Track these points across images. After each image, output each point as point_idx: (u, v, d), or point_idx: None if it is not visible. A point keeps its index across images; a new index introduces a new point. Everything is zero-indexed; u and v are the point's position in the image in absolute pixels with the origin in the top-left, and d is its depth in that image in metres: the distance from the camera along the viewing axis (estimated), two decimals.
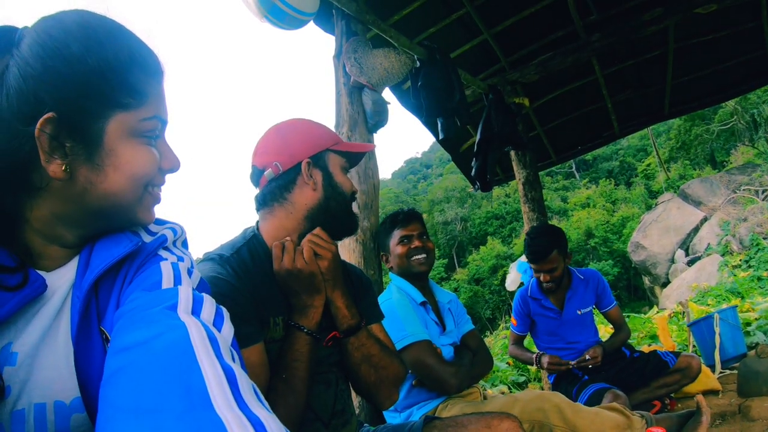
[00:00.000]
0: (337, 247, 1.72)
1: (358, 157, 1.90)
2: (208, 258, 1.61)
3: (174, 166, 1.05)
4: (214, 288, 1.41)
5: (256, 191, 1.81)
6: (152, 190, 1.02)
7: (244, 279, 1.56)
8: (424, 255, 2.85)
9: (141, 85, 0.94)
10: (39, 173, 0.88)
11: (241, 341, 1.37)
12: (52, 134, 0.85)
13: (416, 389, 2.68)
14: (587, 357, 3.55)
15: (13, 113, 0.85)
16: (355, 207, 1.85)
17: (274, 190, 1.73)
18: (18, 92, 0.85)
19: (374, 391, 1.80)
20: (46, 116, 0.84)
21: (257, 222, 1.81)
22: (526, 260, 3.86)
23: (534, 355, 3.89)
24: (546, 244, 3.71)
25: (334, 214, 1.75)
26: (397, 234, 2.88)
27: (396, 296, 2.71)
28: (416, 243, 2.85)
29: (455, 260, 53.21)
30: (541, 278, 3.81)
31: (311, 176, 1.72)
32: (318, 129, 1.79)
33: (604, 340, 4.01)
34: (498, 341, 11.30)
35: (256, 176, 1.76)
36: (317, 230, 1.68)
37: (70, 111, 0.86)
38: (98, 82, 0.88)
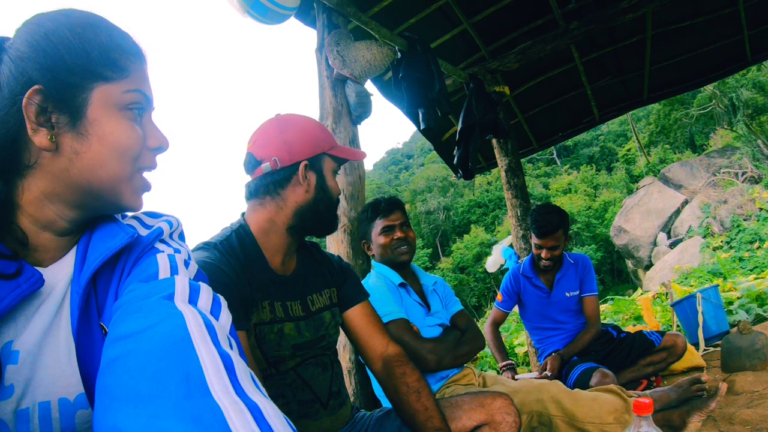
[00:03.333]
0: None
1: (346, 160, 1.94)
2: (198, 247, 1.65)
3: (161, 144, 1.05)
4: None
5: (247, 178, 1.83)
6: (143, 173, 1.02)
7: (233, 263, 1.60)
8: (405, 246, 2.85)
9: (122, 62, 0.97)
10: (28, 150, 0.91)
11: None
12: (40, 104, 0.88)
13: None
14: (547, 373, 3.60)
15: (5, 96, 0.89)
16: (343, 201, 1.88)
17: (268, 184, 1.76)
18: (9, 76, 0.89)
19: None
20: (34, 88, 0.87)
21: (243, 213, 1.86)
22: (534, 234, 3.86)
23: (503, 363, 3.91)
24: (556, 221, 3.74)
25: (321, 215, 1.81)
26: (379, 224, 2.86)
27: (373, 280, 2.75)
28: (398, 234, 2.84)
29: (439, 249, 53.16)
30: (543, 255, 3.81)
31: (306, 177, 1.76)
32: (318, 130, 1.82)
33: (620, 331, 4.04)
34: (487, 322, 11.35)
35: (252, 165, 1.77)
36: None
37: (56, 83, 0.89)
38: (81, 58, 0.91)
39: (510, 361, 3.91)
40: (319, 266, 1.98)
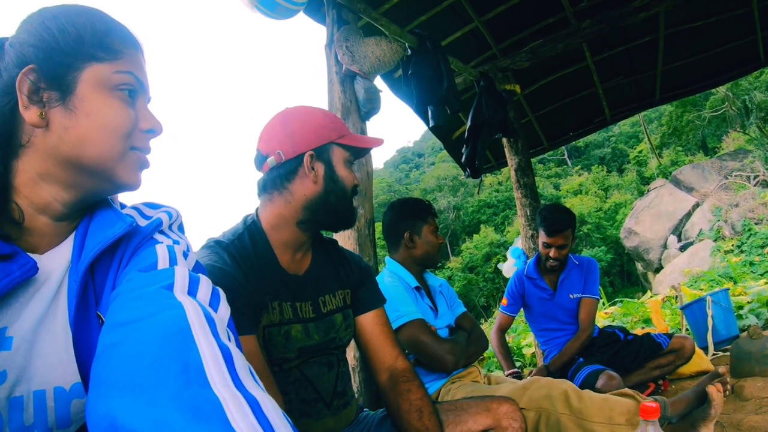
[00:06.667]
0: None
1: (364, 150, 1.87)
2: (206, 246, 1.61)
3: (153, 127, 1.04)
4: (209, 276, 1.42)
5: (259, 175, 1.78)
6: (137, 152, 1.02)
7: (243, 265, 1.56)
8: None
9: (114, 45, 0.98)
10: (22, 130, 0.92)
11: None
12: (33, 82, 0.90)
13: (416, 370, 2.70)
14: None
15: (4, 79, 0.92)
16: (356, 200, 1.84)
17: (274, 178, 1.71)
18: (9, 62, 0.92)
19: None
20: (28, 66, 0.90)
21: (257, 208, 1.80)
22: (543, 232, 3.83)
23: (509, 372, 3.88)
24: (566, 220, 3.74)
25: (333, 208, 1.73)
26: (433, 224, 2.95)
27: (388, 280, 2.73)
28: (441, 238, 3.00)
29: (449, 249, 53.17)
30: (551, 254, 3.80)
31: (313, 168, 1.69)
32: (325, 119, 1.74)
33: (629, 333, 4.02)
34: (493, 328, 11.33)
35: (259, 161, 1.74)
36: None
37: (49, 63, 0.91)
38: (74, 41, 0.94)
39: (516, 369, 3.89)
40: (335, 266, 1.92)
